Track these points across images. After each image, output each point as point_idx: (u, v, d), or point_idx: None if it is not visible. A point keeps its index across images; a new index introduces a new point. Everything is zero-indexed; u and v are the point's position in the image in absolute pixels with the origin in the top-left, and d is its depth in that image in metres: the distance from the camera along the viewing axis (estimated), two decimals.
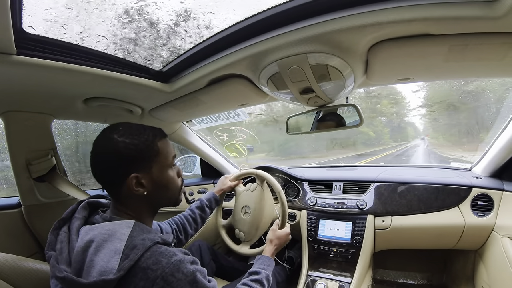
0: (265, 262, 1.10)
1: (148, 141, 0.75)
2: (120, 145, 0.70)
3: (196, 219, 1.29)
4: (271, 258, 1.15)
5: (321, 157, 9.77)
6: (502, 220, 1.28)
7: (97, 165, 0.73)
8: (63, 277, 0.60)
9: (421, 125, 14.43)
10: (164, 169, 0.79)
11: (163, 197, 0.82)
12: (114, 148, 0.70)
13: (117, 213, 0.75)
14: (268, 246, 1.21)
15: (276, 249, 1.21)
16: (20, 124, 1.13)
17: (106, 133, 0.73)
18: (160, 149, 0.77)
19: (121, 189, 0.73)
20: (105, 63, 0.89)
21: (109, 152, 0.71)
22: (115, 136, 0.71)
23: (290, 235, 1.27)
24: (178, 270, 0.63)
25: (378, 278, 1.99)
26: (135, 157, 0.72)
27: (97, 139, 0.74)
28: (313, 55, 0.75)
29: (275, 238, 1.22)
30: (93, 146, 0.73)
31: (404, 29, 0.65)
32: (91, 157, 0.74)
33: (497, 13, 0.55)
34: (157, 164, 0.77)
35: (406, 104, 10.76)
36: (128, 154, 0.71)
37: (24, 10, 0.65)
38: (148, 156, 0.75)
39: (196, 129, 1.84)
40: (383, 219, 1.47)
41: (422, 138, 13.57)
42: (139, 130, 0.75)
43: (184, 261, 0.65)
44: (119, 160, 0.71)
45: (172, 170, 0.82)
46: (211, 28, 0.99)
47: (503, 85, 2.46)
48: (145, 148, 0.74)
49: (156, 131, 0.79)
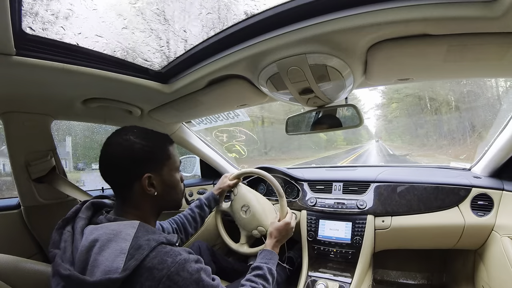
0: (267, 256, 1.11)
1: (161, 145, 0.81)
2: (137, 146, 0.74)
3: (196, 218, 1.31)
4: (273, 251, 1.15)
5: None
6: (502, 219, 1.28)
7: (111, 165, 0.76)
8: (68, 275, 0.61)
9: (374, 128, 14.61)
10: (173, 172, 0.84)
11: (170, 199, 0.85)
12: (131, 149, 0.74)
13: (122, 214, 0.76)
14: (268, 239, 1.21)
15: (278, 241, 1.20)
16: (19, 125, 1.13)
17: (121, 134, 0.76)
18: (171, 154, 0.83)
19: (132, 189, 0.76)
20: (104, 63, 0.90)
21: (125, 152, 0.74)
22: (131, 137, 0.75)
23: (290, 225, 1.27)
24: (183, 269, 0.64)
25: (378, 278, 1.99)
26: (149, 158, 0.77)
27: (111, 140, 0.76)
28: (312, 56, 0.75)
29: (274, 230, 1.22)
30: (106, 147, 0.76)
31: (402, 29, 0.65)
32: (103, 158, 0.76)
33: (496, 13, 0.55)
34: (168, 167, 0.81)
35: (361, 106, 10.87)
36: (143, 155, 0.75)
37: (23, 10, 0.65)
38: (161, 158, 0.80)
39: (196, 130, 1.84)
40: (383, 219, 1.47)
41: (376, 140, 13.74)
42: (153, 134, 0.81)
43: (189, 260, 0.66)
44: (135, 161, 0.74)
45: (178, 174, 0.87)
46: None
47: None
48: (159, 151, 0.79)
49: (166, 137, 0.84)
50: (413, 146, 9.66)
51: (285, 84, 0.90)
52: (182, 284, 0.62)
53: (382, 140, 13.15)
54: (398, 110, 8.93)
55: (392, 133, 11.92)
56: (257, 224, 1.39)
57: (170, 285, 0.61)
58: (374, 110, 11.45)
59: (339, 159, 12.96)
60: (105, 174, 0.77)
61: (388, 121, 11.12)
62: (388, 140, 12.66)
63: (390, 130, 11.86)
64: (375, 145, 13.59)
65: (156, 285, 0.60)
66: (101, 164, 0.76)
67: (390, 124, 11.42)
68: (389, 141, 12.60)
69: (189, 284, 0.63)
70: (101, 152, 0.76)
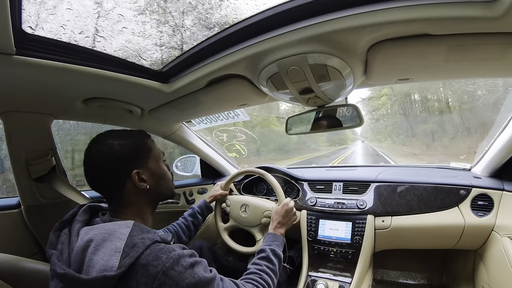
0: (270, 239, 1.14)
1: (140, 140, 0.83)
2: (117, 147, 0.76)
3: (189, 226, 1.34)
4: (275, 233, 1.18)
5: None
6: (502, 220, 1.27)
7: (98, 171, 0.76)
8: (63, 273, 0.61)
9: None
10: (159, 162, 0.87)
11: (162, 189, 0.87)
12: (112, 151, 0.75)
13: (116, 215, 0.77)
14: (271, 224, 1.26)
15: (279, 223, 1.24)
16: (19, 124, 1.13)
17: (99, 140, 0.77)
18: (151, 146, 0.85)
19: (123, 189, 0.77)
20: (105, 63, 0.90)
21: (108, 155, 0.75)
22: (110, 141, 0.77)
23: (289, 206, 1.32)
24: (178, 263, 0.65)
25: (378, 278, 1.99)
26: (132, 155, 0.78)
27: (90, 148, 0.77)
28: (313, 56, 0.75)
29: (274, 214, 1.28)
30: (88, 155, 0.77)
31: (403, 29, 0.65)
32: (88, 166, 0.77)
33: (496, 13, 0.55)
34: (152, 159, 0.84)
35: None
36: (126, 154, 0.77)
37: (23, 10, 0.65)
38: (143, 152, 0.82)
39: (196, 130, 1.84)
40: (383, 219, 1.47)
41: (362, 141, 13.70)
42: (128, 133, 0.83)
43: (183, 255, 0.67)
44: (119, 161, 0.76)
45: (164, 163, 0.90)
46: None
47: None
48: (140, 146, 0.81)
49: (142, 133, 0.87)
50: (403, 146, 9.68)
51: (285, 83, 0.90)
52: (178, 278, 0.63)
53: (368, 141, 13.12)
54: (386, 107, 8.91)
55: (379, 133, 11.86)
56: (261, 212, 1.43)
57: (165, 281, 0.62)
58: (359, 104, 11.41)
59: (323, 162, 12.90)
60: (93, 182, 0.78)
61: (375, 119, 11.10)
62: (375, 140, 12.64)
63: (376, 130, 11.80)
64: (361, 147, 13.57)
65: (152, 281, 0.61)
66: (87, 173, 0.77)
67: (377, 123, 11.38)
68: (376, 142, 12.58)
69: (185, 278, 0.64)
70: (84, 162, 0.77)
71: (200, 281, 0.67)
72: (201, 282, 0.67)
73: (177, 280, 0.63)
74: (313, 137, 13.05)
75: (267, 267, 0.99)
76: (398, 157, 10.91)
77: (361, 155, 11.91)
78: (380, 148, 12.37)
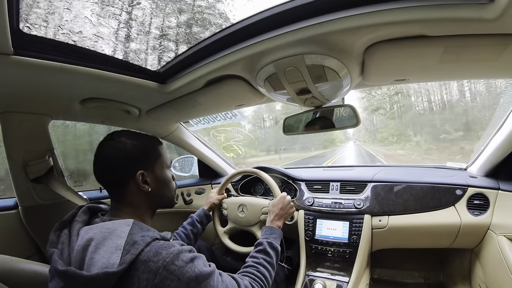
0: (267, 232, 1.15)
1: (151, 144, 0.86)
2: (129, 146, 0.79)
3: (189, 235, 1.35)
4: (272, 226, 1.19)
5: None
6: (497, 219, 1.29)
7: (106, 166, 0.79)
8: (65, 270, 0.61)
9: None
10: (164, 169, 0.88)
11: (163, 196, 0.89)
12: (123, 149, 0.78)
13: (117, 214, 0.78)
14: (268, 217, 1.26)
15: (276, 215, 1.25)
16: (17, 125, 1.13)
17: (113, 137, 0.80)
18: (161, 152, 0.88)
19: (127, 187, 0.79)
20: (103, 63, 0.89)
21: (118, 152, 0.78)
22: (123, 139, 0.80)
23: (286, 199, 1.32)
24: (178, 258, 0.66)
25: (375, 277, 2.00)
26: (141, 156, 0.81)
27: (103, 143, 0.80)
28: (310, 56, 0.76)
29: (271, 207, 1.29)
30: (100, 149, 0.80)
31: (399, 30, 0.66)
32: (98, 159, 0.79)
33: (492, 14, 0.55)
34: (159, 164, 0.86)
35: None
36: (135, 153, 0.80)
37: (21, 10, 0.65)
38: (152, 156, 0.85)
39: (193, 130, 1.84)
40: (380, 218, 1.48)
41: (354, 142, 13.75)
42: (143, 136, 0.86)
43: (183, 250, 0.69)
44: (127, 158, 0.79)
45: (169, 172, 0.92)
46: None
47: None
48: (150, 150, 0.85)
49: (155, 138, 0.90)
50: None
51: (283, 84, 0.90)
52: (179, 272, 0.64)
53: (359, 142, 13.19)
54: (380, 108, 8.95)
55: (371, 133, 11.87)
56: (259, 210, 1.44)
57: (167, 276, 0.62)
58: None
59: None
60: (100, 175, 0.80)
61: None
62: (368, 142, 12.69)
63: (369, 130, 11.82)
64: (353, 148, 13.63)
65: (153, 276, 0.62)
66: (96, 166, 0.80)
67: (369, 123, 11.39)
68: (369, 142, 12.63)
69: (185, 272, 0.65)
70: (95, 155, 0.79)
71: (200, 275, 0.68)
72: (201, 275, 0.68)
73: (178, 274, 0.64)
74: (309, 137, 13.08)
75: (264, 259, 1.00)
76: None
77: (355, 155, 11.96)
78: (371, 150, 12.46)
